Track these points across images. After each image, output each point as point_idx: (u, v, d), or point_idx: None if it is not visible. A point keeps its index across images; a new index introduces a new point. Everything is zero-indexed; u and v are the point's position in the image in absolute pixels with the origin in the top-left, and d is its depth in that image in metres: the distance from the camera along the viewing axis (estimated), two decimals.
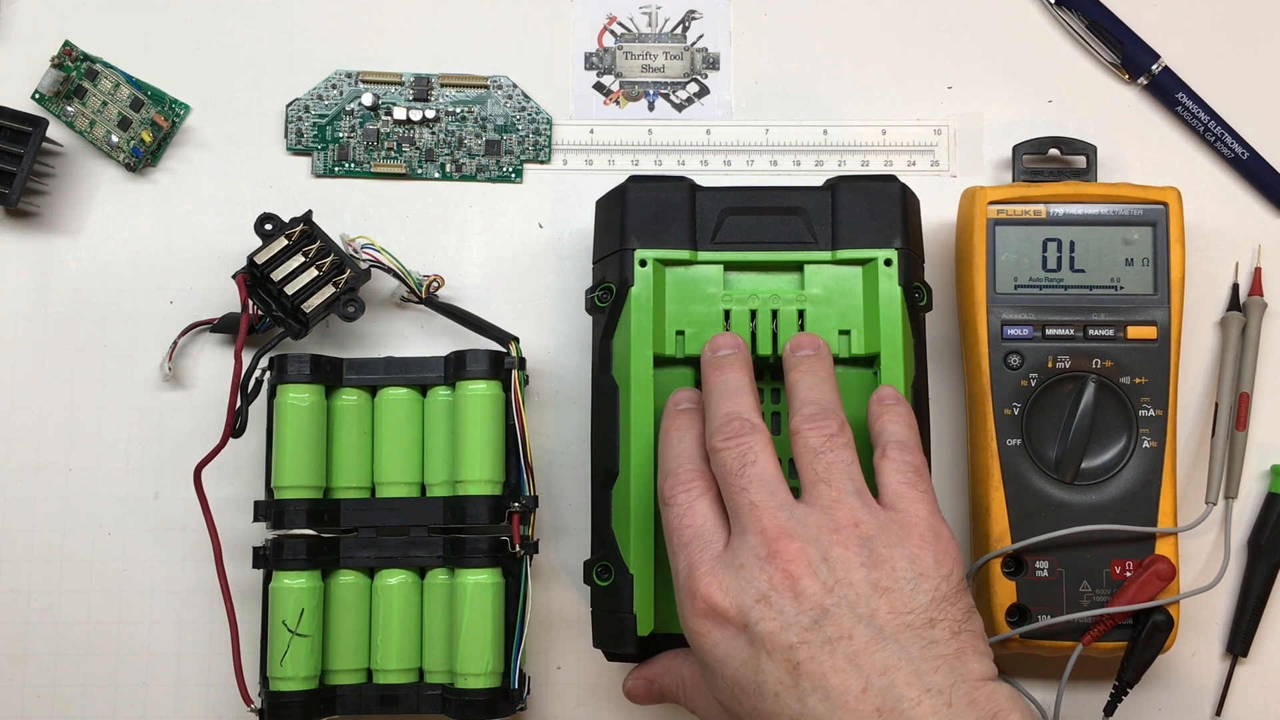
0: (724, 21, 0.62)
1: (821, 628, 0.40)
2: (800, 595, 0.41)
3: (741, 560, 0.42)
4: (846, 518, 0.43)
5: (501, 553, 0.54)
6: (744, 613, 0.41)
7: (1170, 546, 0.54)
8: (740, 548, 0.43)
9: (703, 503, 0.45)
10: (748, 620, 0.41)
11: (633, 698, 0.51)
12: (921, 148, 0.61)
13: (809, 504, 0.44)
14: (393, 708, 0.55)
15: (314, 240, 0.56)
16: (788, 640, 0.40)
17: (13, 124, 0.57)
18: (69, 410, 0.59)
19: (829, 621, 0.40)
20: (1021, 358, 0.55)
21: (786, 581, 0.41)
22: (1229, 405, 0.58)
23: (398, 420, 0.56)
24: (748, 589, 0.41)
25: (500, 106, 0.61)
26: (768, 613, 0.41)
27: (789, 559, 0.41)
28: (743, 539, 0.43)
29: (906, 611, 0.41)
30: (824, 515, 0.43)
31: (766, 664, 0.40)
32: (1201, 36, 0.62)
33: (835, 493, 0.44)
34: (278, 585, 0.54)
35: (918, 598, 0.41)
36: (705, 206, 0.54)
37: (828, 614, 0.41)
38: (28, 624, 0.57)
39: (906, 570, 0.42)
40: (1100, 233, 0.56)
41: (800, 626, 0.40)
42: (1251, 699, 0.58)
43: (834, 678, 0.40)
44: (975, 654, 0.41)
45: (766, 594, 0.41)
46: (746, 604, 0.41)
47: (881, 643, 0.40)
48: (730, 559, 0.43)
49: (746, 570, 0.42)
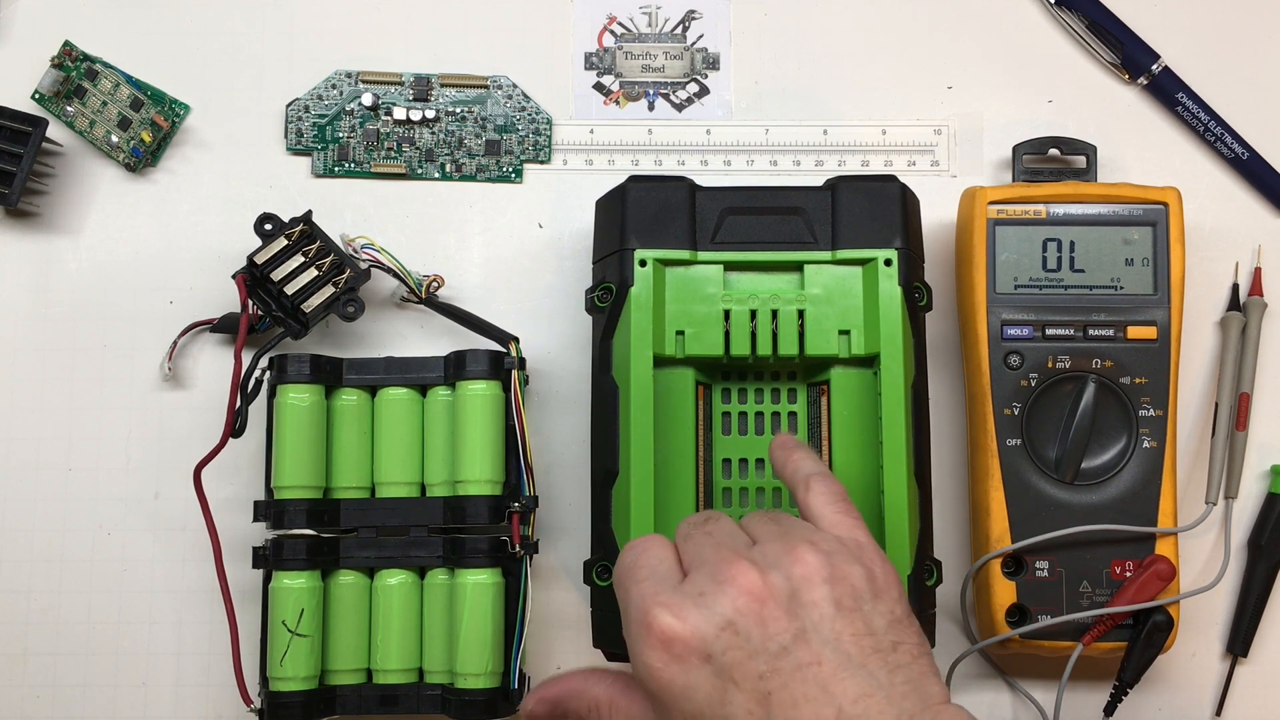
0: (724, 21, 0.62)
1: (790, 654, 0.39)
2: (766, 620, 0.39)
3: (701, 589, 0.40)
4: (801, 538, 0.41)
5: (501, 553, 0.54)
6: (706, 642, 0.39)
7: (1170, 546, 0.54)
8: (698, 577, 0.41)
9: (657, 546, 0.43)
10: (711, 650, 0.39)
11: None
12: (921, 148, 0.61)
13: (762, 541, 0.42)
14: (393, 708, 0.55)
15: (314, 240, 0.56)
16: (756, 669, 0.39)
17: (13, 124, 0.57)
18: (69, 410, 0.59)
19: (798, 647, 0.39)
20: (1021, 358, 0.55)
21: (752, 606, 0.39)
22: (1229, 405, 0.58)
23: (398, 420, 0.56)
24: (710, 617, 0.39)
25: (500, 106, 0.61)
26: (734, 640, 0.39)
27: (751, 583, 0.40)
28: (701, 569, 0.41)
29: (869, 634, 0.40)
30: (779, 542, 0.41)
31: (734, 695, 0.39)
32: (1201, 36, 0.62)
33: (786, 522, 0.43)
34: (278, 585, 0.54)
35: (876, 619, 0.40)
36: (705, 206, 0.54)
37: (796, 639, 0.39)
38: (28, 624, 0.57)
39: (865, 589, 0.41)
40: (1100, 233, 0.56)
41: (769, 654, 0.39)
42: (1251, 699, 0.58)
43: (806, 706, 0.38)
44: (934, 677, 0.41)
45: (731, 620, 0.39)
46: (709, 633, 0.39)
47: (850, 669, 0.39)
48: (688, 588, 0.40)
49: (707, 597, 0.40)
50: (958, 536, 0.58)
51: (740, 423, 0.55)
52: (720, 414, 0.55)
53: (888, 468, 0.51)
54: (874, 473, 0.53)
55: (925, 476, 0.53)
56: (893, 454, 0.51)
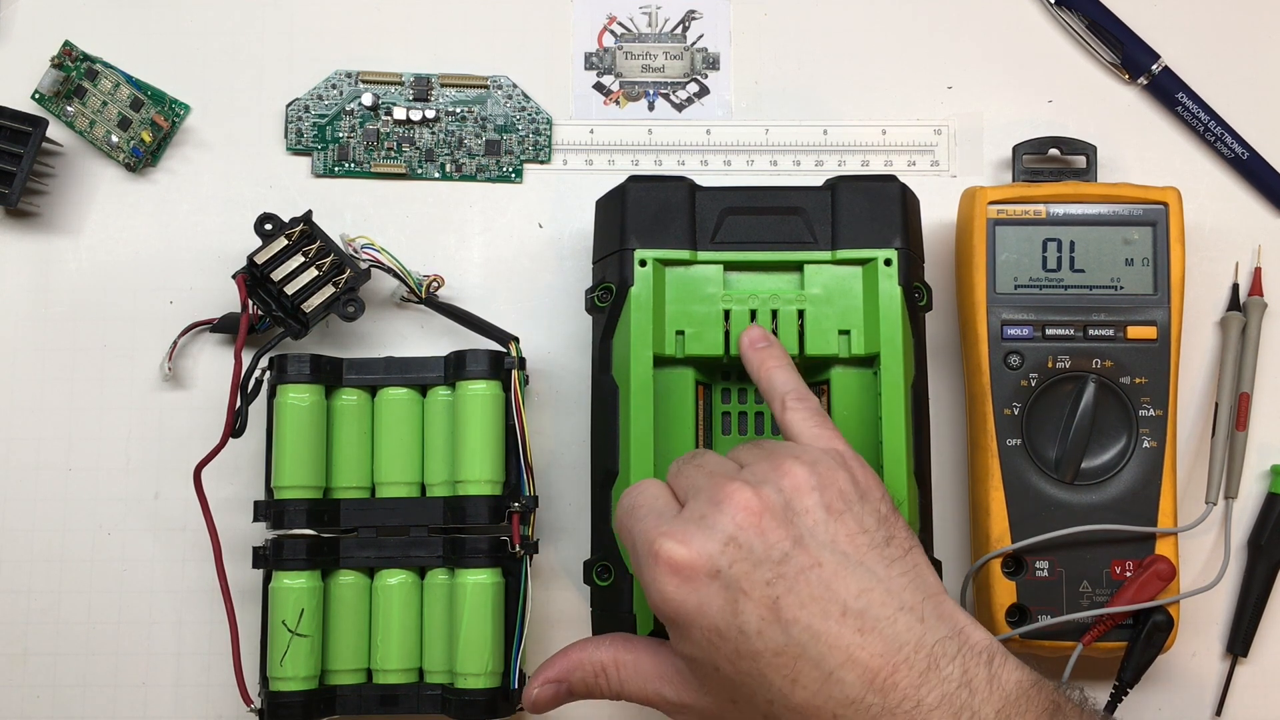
0: (724, 21, 0.62)
1: (792, 559, 0.41)
2: (765, 531, 0.41)
3: (700, 513, 0.43)
4: (786, 454, 0.44)
5: (501, 553, 0.54)
6: (713, 560, 0.41)
7: (1170, 546, 0.54)
8: (695, 504, 0.43)
9: (652, 486, 0.46)
10: (719, 566, 0.41)
11: (538, 707, 0.48)
12: (921, 148, 0.61)
13: (750, 464, 0.45)
14: (393, 708, 0.55)
15: (314, 240, 0.56)
16: (763, 577, 0.41)
17: (13, 124, 0.57)
18: (69, 410, 0.59)
19: (798, 552, 0.41)
20: (1021, 358, 0.55)
21: (750, 520, 0.42)
22: (1229, 405, 0.58)
23: (398, 420, 0.56)
24: (713, 536, 0.42)
25: (500, 106, 0.61)
26: (738, 554, 0.41)
27: (746, 500, 0.42)
28: (697, 496, 0.43)
29: (862, 532, 0.42)
30: (766, 461, 0.44)
31: (745, 604, 0.41)
32: (1201, 36, 0.62)
33: (769, 444, 0.45)
34: (278, 585, 0.54)
35: (866, 518, 0.43)
36: (705, 206, 0.54)
37: (795, 545, 0.41)
38: (28, 624, 0.57)
39: (852, 492, 0.43)
40: (1100, 233, 0.56)
41: (771, 562, 0.41)
42: (1251, 699, 0.58)
43: (813, 605, 0.41)
44: (927, 568, 0.43)
45: (733, 535, 0.41)
46: (714, 550, 0.41)
47: (849, 566, 0.41)
48: (688, 515, 0.43)
49: (707, 519, 0.42)
50: (958, 536, 0.58)
51: (740, 423, 0.55)
52: (720, 414, 0.55)
53: (888, 468, 0.51)
54: None
55: (925, 476, 0.53)
56: (893, 454, 0.51)
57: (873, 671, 0.40)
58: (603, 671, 0.47)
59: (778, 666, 0.41)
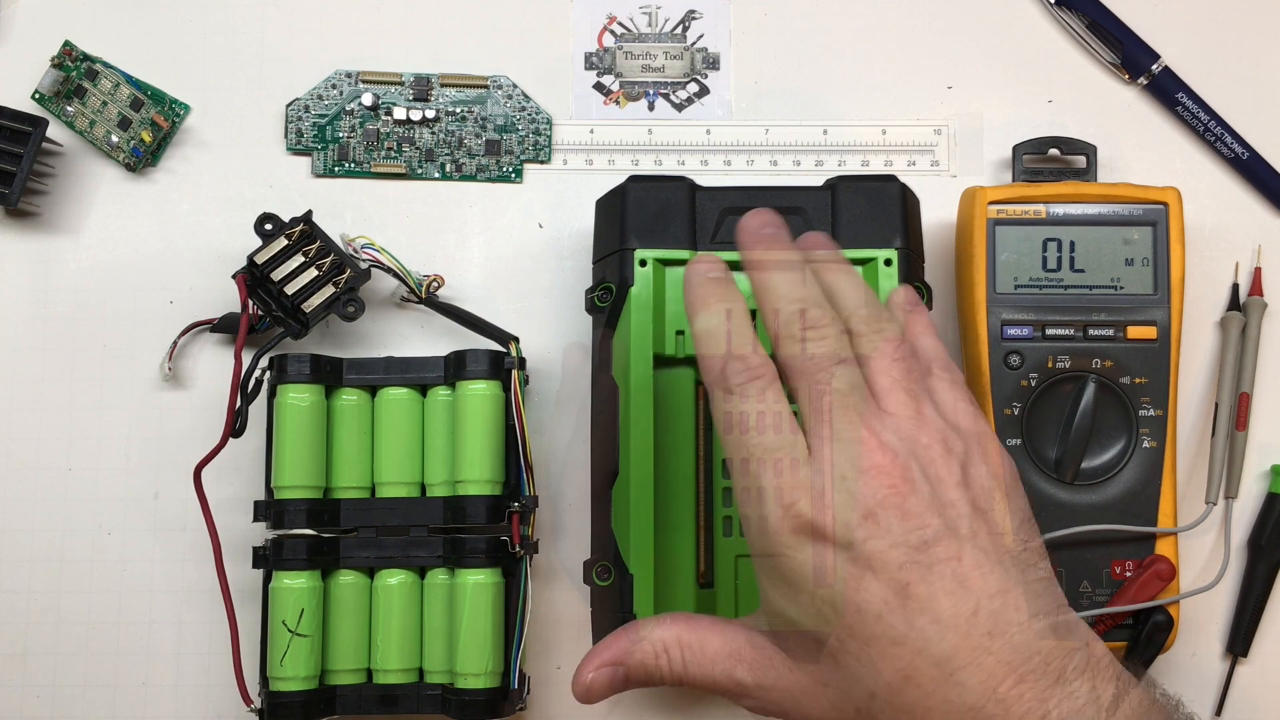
0: (724, 21, 0.62)
1: (931, 548, 0.38)
2: (907, 514, 0.39)
3: (840, 471, 0.39)
4: (936, 432, 0.41)
5: (501, 553, 0.54)
6: (847, 529, 0.38)
7: (1170, 546, 0.54)
8: (833, 456, 0.40)
9: (774, 394, 0.41)
10: (853, 538, 0.38)
11: (592, 693, 0.43)
12: (921, 148, 0.61)
13: (893, 412, 0.41)
14: (393, 708, 0.55)
15: (314, 240, 0.56)
16: (896, 560, 0.38)
17: (13, 124, 0.57)
18: (69, 410, 0.59)
19: (939, 542, 0.38)
20: (1021, 358, 0.55)
21: (894, 498, 0.39)
22: (1229, 405, 0.58)
23: (398, 420, 0.56)
24: (850, 504, 0.39)
25: (500, 106, 0.61)
26: (875, 530, 0.38)
27: (892, 474, 0.39)
28: (834, 446, 0.40)
29: (1002, 534, 0.40)
30: (914, 427, 0.41)
31: (871, 584, 0.38)
32: (1201, 36, 0.62)
33: (917, 404, 0.41)
34: (278, 585, 0.54)
35: (1007, 520, 0.40)
36: (705, 206, 0.54)
37: (937, 535, 0.39)
38: (28, 624, 0.57)
39: (996, 489, 0.41)
40: (1100, 233, 0.56)
41: (909, 546, 0.38)
42: (1251, 699, 0.58)
43: (945, 599, 0.38)
44: (1055, 581, 0.41)
45: (873, 511, 0.39)
46: (851, 520, 0.38)
47: (989, 564, 0.39)
48: (824, 468, 0.39)
49: (847, 483, 0.39)
50: None
51: None
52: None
53: None
54: None
55: None
56: None
57: (998, 679, 0.37)
58: (664, 651, 0.43)
59: (893, 658, 0.38)
